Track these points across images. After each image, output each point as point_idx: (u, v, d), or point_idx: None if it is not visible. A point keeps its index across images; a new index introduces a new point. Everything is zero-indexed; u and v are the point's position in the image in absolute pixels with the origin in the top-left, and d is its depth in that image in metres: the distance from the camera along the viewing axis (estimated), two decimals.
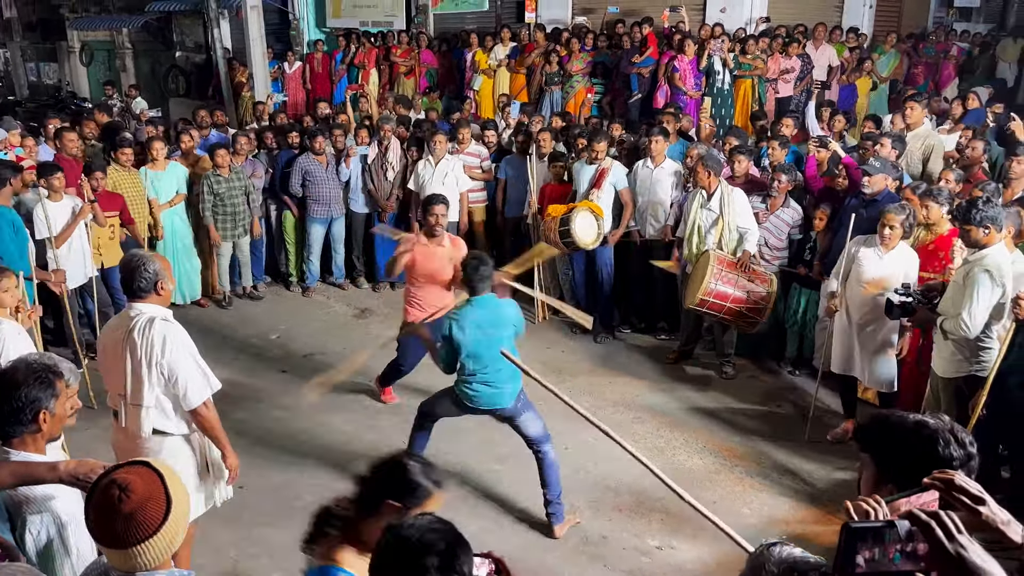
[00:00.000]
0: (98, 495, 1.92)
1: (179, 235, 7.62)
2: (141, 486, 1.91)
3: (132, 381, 3.43)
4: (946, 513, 1.35)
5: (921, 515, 1.35)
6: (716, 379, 6.46)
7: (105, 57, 18.50)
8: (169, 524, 1.90)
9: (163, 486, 1.93)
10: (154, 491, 1.92)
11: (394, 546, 1.75)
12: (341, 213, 8.23)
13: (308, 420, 5.76)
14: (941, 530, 1.33)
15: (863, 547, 1.36)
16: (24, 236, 5.66)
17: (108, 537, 1.89)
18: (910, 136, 7.10)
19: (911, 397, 5.35)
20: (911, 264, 5.09)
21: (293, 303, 8.26)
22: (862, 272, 5.13)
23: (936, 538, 1.32)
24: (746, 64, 10.15)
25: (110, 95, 12.71)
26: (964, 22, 14.00)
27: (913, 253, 5.17)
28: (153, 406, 3.44)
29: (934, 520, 1.34)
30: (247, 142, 8.00)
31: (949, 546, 1.30)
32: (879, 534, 1.37)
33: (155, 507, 1.90)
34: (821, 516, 4.70)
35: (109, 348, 3.52)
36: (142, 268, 3.44)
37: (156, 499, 1.91)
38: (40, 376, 2.57)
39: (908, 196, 5.58)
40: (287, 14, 14.58)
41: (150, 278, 3.44)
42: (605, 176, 6.87)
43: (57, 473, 2.42)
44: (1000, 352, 4.27)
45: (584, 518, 4.64)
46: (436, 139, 7.64)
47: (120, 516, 1.87)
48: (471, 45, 11.96)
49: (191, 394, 3.44)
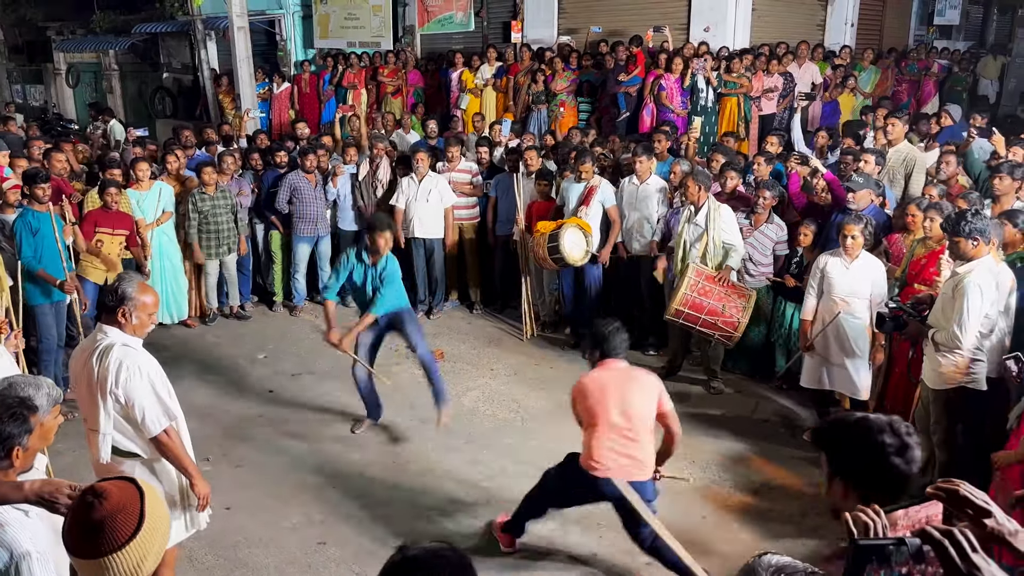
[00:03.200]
0: (76, 501, 1.93)
1: (167, 255, 7.58)
2: (116, 497, 1.90)
3: (89, 406, 3.38)
4: (960, 530, 1.26)
5: (934, 533, 1.26)
6: (704, 394, 6.46)
7: (92, 79, 18.52)
8: (139, 540, 1.87)
9: (140, 502, 1.91)
10: (128, 504, 1.90)
11: (399, 566, 1.72)
12: (327, 232, 8.23)
13: (296, 440, 5.72)
14: (955, 549, 1.24)
15: (870, 566, 1.30)
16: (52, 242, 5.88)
17: (77, 545, 1.88)
18: (892, 152, 7.17)
19: (899, 408, 5.36)
20: (878, 273, 5.26)
21: (281, 322, 8.22)
22: (832, 284, 5.28)
23: (949, 557, 1.24)
24: (731, 82, 10.24)
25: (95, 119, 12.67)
26: (944, 39, 14.24)
27: (879, 262, 5.33)
28: (110, 432, 3.37)
29: (947, 539, 1.25)
30: (233, 161, 8.01)
31: (962, 566, 1.23)
32: (886, 553, 1.30)
33: (125, 519, 1.88)
34: (811, 530, 4.69)
35: (75, 371, 3.49)
36: (115, 286, 3.40)
37: (128, 512, 1.89)
38: (14, 412, 2.49)
39: (912, 212, 5.62)
40: (275, 35, 14.64)
41: (113, 299, 3.37)
42: (594, 194, 6.94)
43: (23, 493, 2.37)
44: None
45: (573, 535, 4.61)
46: (418, 156, 7.69)
47: (89, 523, 1.87)
48: (456, 65, 12.04)
49: (148, 423, 3.35)
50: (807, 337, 5.48)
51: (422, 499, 4.99)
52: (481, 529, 4.67)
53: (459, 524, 4.74)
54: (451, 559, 1.73)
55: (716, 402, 6.34)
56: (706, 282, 6.02)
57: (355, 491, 5.07)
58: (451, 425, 5.77)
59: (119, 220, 6.86)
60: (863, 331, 5.26)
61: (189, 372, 6.74)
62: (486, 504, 4.93)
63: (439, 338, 7.59)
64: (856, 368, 5.25)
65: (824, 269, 5.33)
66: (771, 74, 10.51)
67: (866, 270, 5.24)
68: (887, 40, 13.03)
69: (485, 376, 6.77)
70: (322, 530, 4.61)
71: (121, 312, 3.36)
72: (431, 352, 5.83)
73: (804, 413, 5.96)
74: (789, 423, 5.98)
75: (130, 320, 3.38)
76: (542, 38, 12.49)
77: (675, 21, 11.38)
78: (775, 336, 6.47)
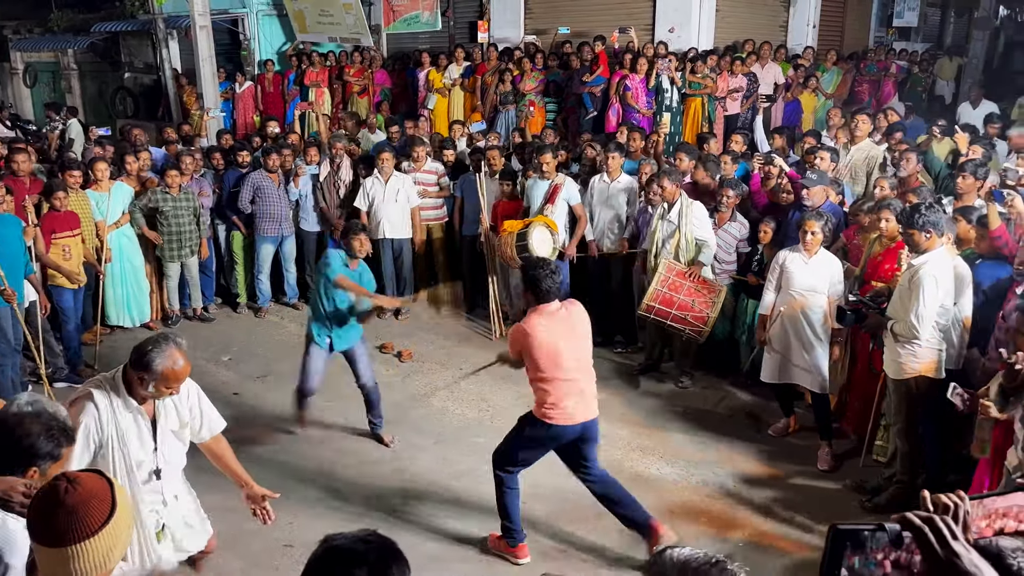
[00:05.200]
0: (45, 488, 1.90)
1: (127, 256, 7.45)
2: (89, 483, 1.89)
3: None
4: (942, 518, 1.26)
5: (915, 519, 1.26)
6: (673, 390, 6.51)
7: (50, 78, 18.13)
8: (110, 528, 1.86)
9: (111, 490, 1.91)
10: (101, 492, 1.89)
11: (322, 557, 1.72)
12: (291, 232, 8.14)
13: (262, 443, 5.64)
14: (934, 536, 1.24)
15: (848, 552, 1.28)
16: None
17: (47, 532, 1.84)
18: (854, 150, 7.29)
19: (861, 398, 5.46)
20: (836, 269, 5.34)
21: (245, 324, 8.11)
22: (791, 279, 5.34)
23: (928, 544, 1.24)
24: (695, 83, 10.34)
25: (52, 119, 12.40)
26: (903, 41, 14.53)
27: (836, 259, 5.41)
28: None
29: (928, 525, 1.25)
30: (192, 161, 7.88)
31: (941, 553, 1.22)
32: (862, 539, 1.29)
33: (99, 506, 1.87)
34: (777, 520, 4.74)
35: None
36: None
37: (102, 498, 1.88)
38: (53, 434, 2.38)
39: (861, 220, 5.71)
40: (238, 34, 14.46)
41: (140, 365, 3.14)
42: (559, 192, 6.96)
43: None
44: None
45: (542, 531, 4.61)
46: (383, 156, 7.65)
47: (63, 508, 1.84)
48: (423, 64, 12.00)
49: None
50: (763, 331, 5.53)
51: (391, 500, 4.95)
52: (452, 529, 4.65)
53: (429, 523, 4.71)
54: (375, 544, 1.73)
55: (683, 397, 6.39)
56: (677, 277, 6.06)
57: (322, 492, 5.02)
58: (421, 424, 5.73)
59: (72, 221, 6.69)
60: (820, 326, 5.33)
61: None
62: (455, 503, 4.92)
63: (408, 338, 7.55)
64: (814, 363, 5.31)
65: (783, 264, 5.40)
66: (735, 75, 10.63)
67: (824, 267, 5.31)
68: (848, 41, 13.25)
69: (454, 376, 6.75)
70: (288, 532, 4.56)
71: (139, 379, 3.14)
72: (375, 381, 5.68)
73: (768, 407, 6.03)
74: (754, 417, 6.05)
75: (147, 390, 3.17)
76: (509, 38, 12.50)
77: (640, 22, 11.45)
78: (739, 332, 6.54)
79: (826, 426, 5.40)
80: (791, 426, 5.75)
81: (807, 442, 5.58)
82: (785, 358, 5.41)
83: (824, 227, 5.27)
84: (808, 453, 5.44)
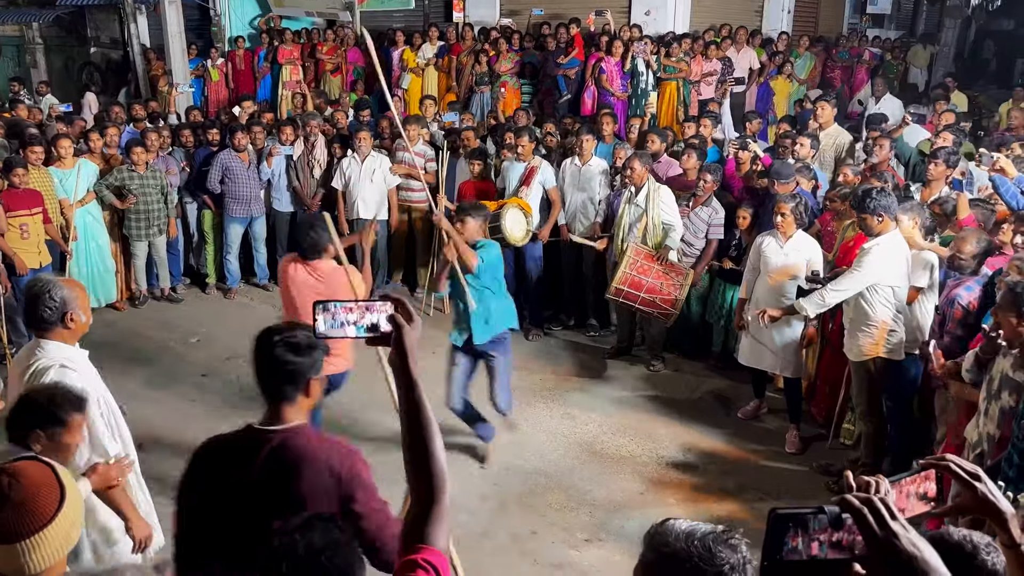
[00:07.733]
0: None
1: (93, 235, 7.29)
2: (33, 474, 1.82)
3: None
4: (880, 499, 1.28)
5: (854, 501, 1.28)
6: (644, 373, 6.54)
7: (14, 52, 17.63)
8: (63, 515, 1.80)
9: (55, 475, 1.85)
10: (46, 479, 1.83)
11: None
12: (261, 213, 8.01)
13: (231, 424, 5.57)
14: (873, 516, 1.26)
15: (789, 535, 1.29)
16: None
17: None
18: (822, 135, 7.33)
19: (829, 382, 5.52)
20: (814, 252, 5.33)
21: (214, 305, 8.00)
22: (768, 263, 5.34)
23: (867, 524, 1.26)
24: (670, 67, 10.32)
25: (16, 92, 12.09)
26: (877, 28, 14.63)
27: (813, 241, 5.40)
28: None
29: (867, 507, 1.27)
30: (157, 137, 7.70)
31: (880, 533, 1.25)
32: (804, 521, 1.30)
33: (48, 494, 1.80)
34: (744, 501, 4.79)
35: (13, 386, 3.20)
36: (46, 296, 3.01)
37: (49, 486, 1.82)
38: (72, 399, 2.54)
39: (836, 204, 5.74)
40: (208, 10, 14.18)
41: (56, 308, 3.01)
42: (535, 174, 6.90)
43: None
44: None
45: (513, 515, 4.62)
46: (360, 136, 7.52)
47: (10, 504, 1.76)
48: (397, 43, 11.84)
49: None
50: (741, 315, 5.57)
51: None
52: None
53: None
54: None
55: (655, 381, 6.42)
56: (645, 260, 6.08)
57: None
58: (391, 405, 5.68)
59: (32, 199, 6.48)
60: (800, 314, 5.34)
61: (119, 357, 6.50)
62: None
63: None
64: (783, 348, 5.34)
65: (761, 248, 5.40)
66: (710, 59, 10.63)
67: (800, 250, 5.30)
68: (822, 27, 13.31)
69: (427, 358, 6.69)
70: None
71: (67, 318, 3.05)
72: None
73: (739, 390, 6.08)
74: (725, 401, 6.10)
75: (77, 325, 3.11)
76: (484, 19, 12.38)
77: (616, 5, 11.39)
78: (711, 316, 6.57)
79: (796, 409, 5.45)
80: (759, 408, 5.81)
81: (776, 425, 5.64)
82: (759, 342, 5.43)
83: (795, 209, 5.25)
84: (777, 436, 5.50)
